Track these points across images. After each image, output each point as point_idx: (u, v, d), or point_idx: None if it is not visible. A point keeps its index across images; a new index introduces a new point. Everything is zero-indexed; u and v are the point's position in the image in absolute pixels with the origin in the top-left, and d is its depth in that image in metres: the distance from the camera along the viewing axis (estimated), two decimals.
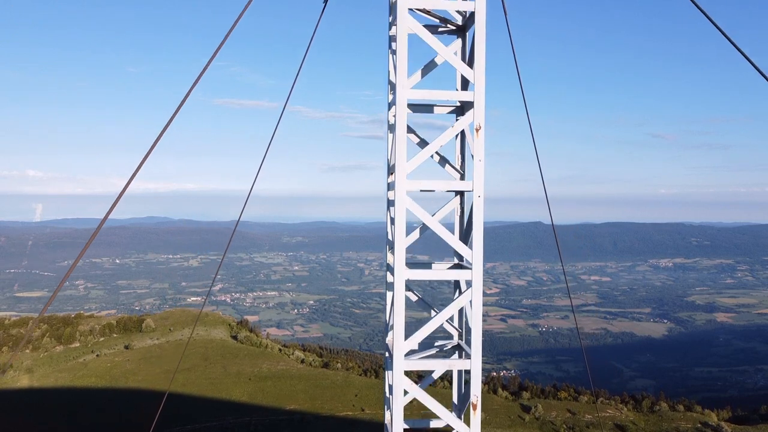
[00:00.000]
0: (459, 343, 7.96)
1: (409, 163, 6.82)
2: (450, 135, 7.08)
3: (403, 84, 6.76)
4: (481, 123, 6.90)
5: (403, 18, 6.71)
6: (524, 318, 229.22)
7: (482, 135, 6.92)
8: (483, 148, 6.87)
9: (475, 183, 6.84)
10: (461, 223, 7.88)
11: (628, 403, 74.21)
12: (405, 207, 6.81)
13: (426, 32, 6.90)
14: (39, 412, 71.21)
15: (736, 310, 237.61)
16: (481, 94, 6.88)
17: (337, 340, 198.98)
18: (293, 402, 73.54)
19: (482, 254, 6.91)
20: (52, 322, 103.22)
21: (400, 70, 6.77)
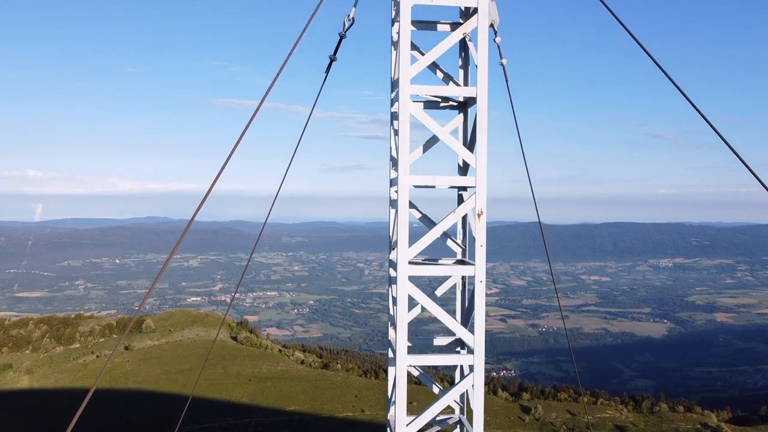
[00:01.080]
0: (460, 418, 8.02)
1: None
2: (453, 219, 7.13)
3: (405, 163, 6.82)
4: (483, 208, 6.97)
5: (405, 101, 6.77)
6: (524, 318, 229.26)
7: (484, 220, 6.99)
8: (485, 233, 6.95)
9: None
10: (462, 303, 7.97)
11: (628, 404, 74.32)
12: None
13: (425, 115, 6.98)
14: (39, 412, 71.32)
15: (736, 310, 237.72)
16: (483, 179, 6.89)
17: (337, 341, 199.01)
18: (293, 403, 73.62)
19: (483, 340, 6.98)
20: (52, 322, 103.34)
21: (402, 149, 6.85)
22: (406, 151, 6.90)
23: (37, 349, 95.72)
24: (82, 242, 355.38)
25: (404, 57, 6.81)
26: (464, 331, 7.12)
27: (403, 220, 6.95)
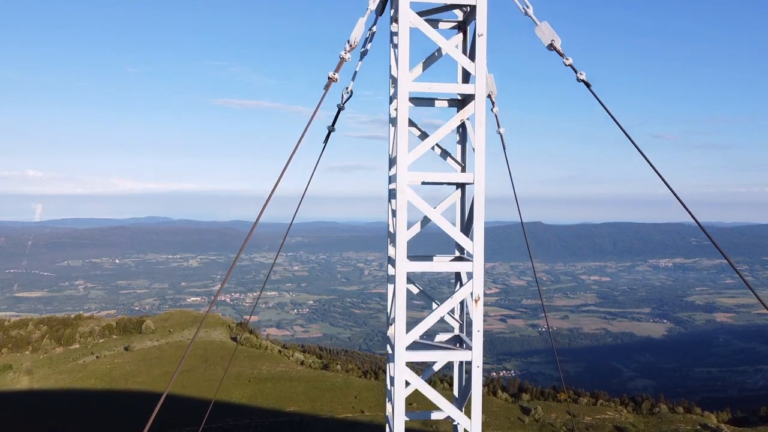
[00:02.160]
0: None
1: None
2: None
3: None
4: (480, 294, 6.94)
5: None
6: (524, 318, 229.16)
7: (481, 305, 6.98)
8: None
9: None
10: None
11: (628, 405, 74.31)
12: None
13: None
14: (39, 413, 71.25)
15: (736, 310, 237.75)
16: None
17: (336, 341, 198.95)
18: (293, 404, 73.58)
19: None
20: (51, 323, 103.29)
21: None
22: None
23: (37, 349, 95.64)
24: (81, 242, 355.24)
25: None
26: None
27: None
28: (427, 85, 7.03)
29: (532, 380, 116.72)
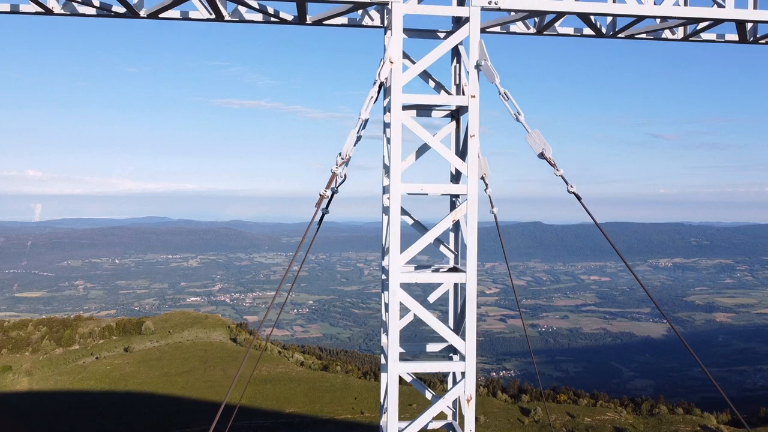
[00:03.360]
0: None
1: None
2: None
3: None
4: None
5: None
6: (524, 318, 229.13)
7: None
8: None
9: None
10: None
11: (628, 406, 74.33)
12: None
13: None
14: (39, 414, 71.24)
15: (736, 310, 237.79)
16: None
17: (336, 341, 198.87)
18: (292, 405, 73.58)
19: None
20: (51, 324, 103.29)
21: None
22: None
23: (37, 350, 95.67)
24: (81, 242, 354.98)
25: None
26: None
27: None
28: (419, 186, 7.22)
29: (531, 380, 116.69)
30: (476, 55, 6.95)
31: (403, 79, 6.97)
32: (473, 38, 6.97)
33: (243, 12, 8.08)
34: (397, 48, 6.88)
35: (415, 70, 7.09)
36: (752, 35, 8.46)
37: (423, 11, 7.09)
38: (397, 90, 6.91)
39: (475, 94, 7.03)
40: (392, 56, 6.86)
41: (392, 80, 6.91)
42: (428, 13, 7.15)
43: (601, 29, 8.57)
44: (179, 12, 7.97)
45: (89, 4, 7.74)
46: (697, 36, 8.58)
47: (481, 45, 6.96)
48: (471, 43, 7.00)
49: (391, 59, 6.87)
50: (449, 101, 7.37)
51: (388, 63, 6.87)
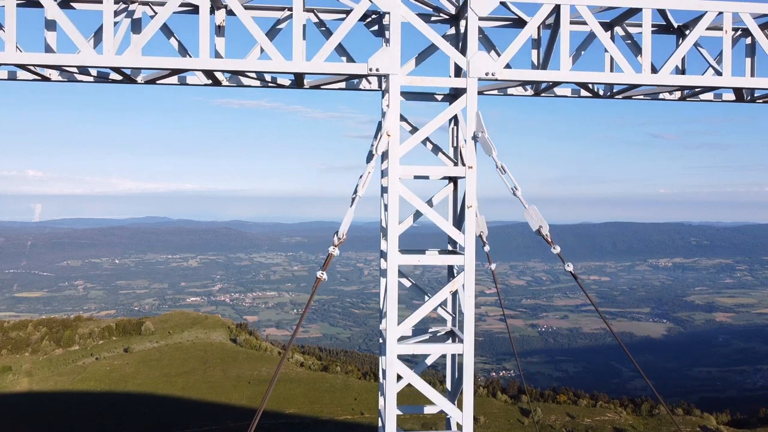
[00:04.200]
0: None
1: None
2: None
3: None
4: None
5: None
6: (523, 318, 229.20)
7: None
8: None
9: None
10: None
11: (627, 407, 74.34)
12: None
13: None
14: (38, 415, 71.21)
15: (735, 309, 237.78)
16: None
17: (336, 341, 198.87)
18: (292, 406, 73.57)
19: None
20: (51, 324, 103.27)
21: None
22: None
23: (37, 351, 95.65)
24: (81, 242, 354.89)
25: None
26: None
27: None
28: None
29: (531, 380, 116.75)
30: (473, 127, 7.06)
31: (401, 150, 7.04)
32: (470, 110, 7.06)
33: (240, 78, 8.10)
34: (395, 121, 6.94)
35: (413, 141, 7.16)
36: (749, 95, 8.61)
37: (421, 83, 7.21)
38: (394, 162, 6.97)
39: (472, 164, 7.11)
40: (390, 129, 6.95)
41: (390, 152, 6.97)
42: (426, 85, 7.29)
43: (598, 92, 8.74)
44: (176, 78, 7.92)
45: (86, 74, 7.71)
46: (695, 97, 8.73)
47: (478, 117, 7.05)
48: (468, 115, 7.09)
49: (389, 132, 6.94)
50: (446, 172, 7.54)
51: (386, 136, 6.96)
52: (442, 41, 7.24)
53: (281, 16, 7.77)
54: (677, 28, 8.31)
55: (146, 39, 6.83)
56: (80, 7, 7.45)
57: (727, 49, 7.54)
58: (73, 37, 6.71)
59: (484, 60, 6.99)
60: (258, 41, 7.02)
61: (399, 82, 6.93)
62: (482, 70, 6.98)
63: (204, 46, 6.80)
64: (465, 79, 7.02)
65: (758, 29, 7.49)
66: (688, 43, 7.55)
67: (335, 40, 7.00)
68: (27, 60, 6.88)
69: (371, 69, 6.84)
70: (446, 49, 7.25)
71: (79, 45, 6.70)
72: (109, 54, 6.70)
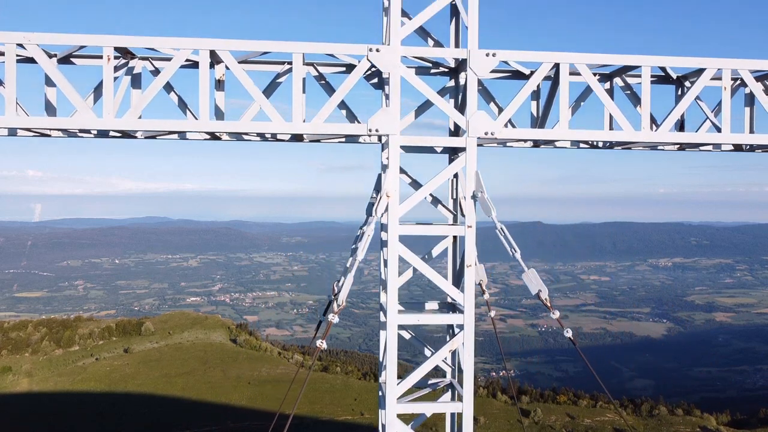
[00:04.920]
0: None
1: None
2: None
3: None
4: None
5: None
6: (523, 318, 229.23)
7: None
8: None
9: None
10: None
11: (627, 407, 74.31)
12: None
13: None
14: (38, 416, 71.18)
15: (735, 309, 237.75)
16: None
17: (336, 341, 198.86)
18: (292, 406, 73.48)
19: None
20: (51, 325, 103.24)
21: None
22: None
23: (37, 351, 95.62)
24: (81, 242, 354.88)
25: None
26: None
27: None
28: (416, 316, 7.42)
29: (531, 380, 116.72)
30: (473, 186, 7.09)
31: (401, 210, 7.09)
32: (470, 169, 7.12)
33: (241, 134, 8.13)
34: (394, 182, 7.01)
35: (413, 200, 7.22)
36: (748, 146, 8.66)
37: (420, 143, 7.25)
38: (394, 222, 7.01)
39: (471, 224, 7.19)
40: (389, 190, 7.00)
41: (389, 212, 6.99)
42: (426, 144, 7.33)
43: (597, 145, 8.86)
44: (177, 135, 7.95)
45: (87, 132, 7.73)
46: (695, 149, 8.78)
47: (477, 176, 7.11)
48: (468, 174, 7.15)
49: (388, 193, 6.97)
50: (446, 231, 7.58)
51: (385, 197, 7.01)
52: (441, 101, 7.30)
53: (281, 70, 7.80)
54: (676, 78, 8.37)
55: (146, 101, 6.89)
56: (80, 63, 7.45)
57: (726, 105, 7.62)
58: (72, 99, 6.74)
59: (484, 119, 7.05)
60: (256, 101, 7.06)
61: (398, 142, 6.98)
62: (481, 130, 7.03)
63: (204, 105, 6.83)
64: (464, 138, 7.07)
65: (757, 85, 7.55)
66: (688, 100, 7.64)
67: (335, 100, 7.06)
68: (27, 124, 6.92)
69: (371, 130, 6.90)
70: (445, 108, 7.33)
71: (79, 107, 6.73)
72: (109, 117, 6.73)
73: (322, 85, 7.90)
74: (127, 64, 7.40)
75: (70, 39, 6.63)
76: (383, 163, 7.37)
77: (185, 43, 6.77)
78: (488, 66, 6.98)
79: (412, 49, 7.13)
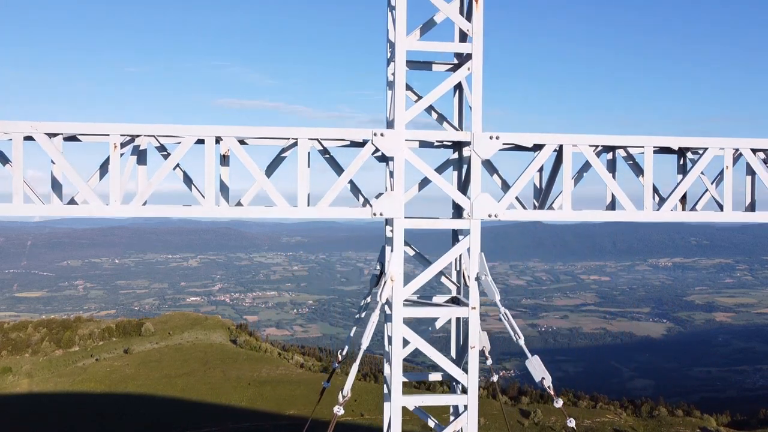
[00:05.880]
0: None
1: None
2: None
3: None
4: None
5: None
6: (523, 318, 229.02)
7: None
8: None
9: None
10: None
11: (628, 408, 74.36)
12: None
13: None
14: (38, 416, 71.22)
15: (735, 309, 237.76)
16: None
17: (336, 341, 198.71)
18: (292, 407, 73.56)
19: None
20: (51, 326, 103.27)
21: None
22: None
23: (37, 352, 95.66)
24: (81, 242, 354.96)
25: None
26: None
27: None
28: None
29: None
30: (476, 267, 7.11)
31: (405, 293, 7.16)
32: (474, 250, 7.19)
33: None
34: (398, 266, 7.10)
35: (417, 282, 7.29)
36: None
37: (425, 225, 7.40)
38: (398, 305, 7.07)
39: (475, 305, 7.26)
40: (393, 274, 7.09)
41: (393, 297, 7.08)
42: (430, 227, 7.43)
43: None
44: None
45: None
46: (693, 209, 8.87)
47: (481, 258, 7.19)
48: (471, 255, 7.21)
49: (393, 277, 7.08)
50: (449, 314, 7.66)
51: (390, 281, 7.10)
52: (444, 183, 7.41)
53: (285, 145, 7.89)
54: (678, 149, 8.45)
55: (152, 189, 7.03)
56: (86, 140, 7.54)
57: (728, 185, 7.69)
58: (79, 187, 6.87)
59: (487, 202, 7.13)
60: (261, 185, 7.23)
61: (403, 225, 7.07)
62: (485, 212, 7.11)
63: (209, 190, 7.02)
64: (468, 220, 7.14)
65: (759, 163, 7.62)
66: (691, 178, 7.73)
67: (340, 184, 7.20)
68: (33, 212, 7.09)
69: (375, 213, 7.04)
70: (449, 190, 7.41)
71: (87, 198, 6.85)
72: (116, 204, 6.88)
73: (327, 159, 8.00)
74: (133, 140, 7.48)
75: (77, 128, 6.84)
76: (387, 236, 7.44)
77: (191, 131, 7.01)
78: (492, 149, 7.13)
79: (417, 133, 7.30)
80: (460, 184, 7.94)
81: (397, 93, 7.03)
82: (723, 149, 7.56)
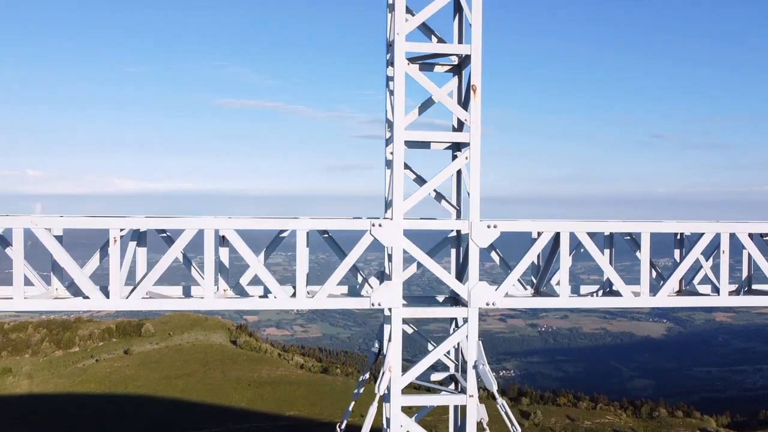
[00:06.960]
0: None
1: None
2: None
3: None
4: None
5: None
6: (523, 318, 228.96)
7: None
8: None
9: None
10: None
11: (627, 409, 74.40)
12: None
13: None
14: (38, 416, 71.22)
15: (736, 309, 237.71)
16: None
17: (336, 341, 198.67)
18: (292, 408, 73.52)
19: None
20: (51, 326, 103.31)
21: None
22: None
23: (37, 353, 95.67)
24: (81, 242, 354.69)
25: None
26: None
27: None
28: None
29: (531, 380, 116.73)
30: (474, 356, 7.11)
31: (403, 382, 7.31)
32: (471, 339, 7.30)
33: None
34: (397, 355, 7.21)
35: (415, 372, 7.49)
36: None
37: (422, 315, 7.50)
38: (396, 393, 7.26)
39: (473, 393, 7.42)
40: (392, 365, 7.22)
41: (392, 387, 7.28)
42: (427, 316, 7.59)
43: None
44: None
45: None
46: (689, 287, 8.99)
47: (479, 347, 7.28)
48: (469, 343, 7.31)
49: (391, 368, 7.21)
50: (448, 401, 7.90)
51: (388, 372, 7.23)
52: (444, 273, 7.44)
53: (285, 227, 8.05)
54: None
55: (153, 281, 7.14)
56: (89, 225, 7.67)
57: (724, 269, 7.85)
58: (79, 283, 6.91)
59: (485, 290, 7.09)
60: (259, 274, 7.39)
61: (401, 314, 7.16)
62: (483, 300, 7.16)
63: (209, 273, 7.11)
64: (466, 308, 7.25)
65: (755, 248, 7.75)
66: (686, 264, 7.93)
67: (338, 275, 7.36)
68: (35, 307, 7.14)
69: (373, 304, 7.11)
70: (448, 280, 7.46)
71: (88, 292, 7.00)
72: (116, 297, 6.92)
73: (325, 238, 8.19)
74: None
75: (78, 222, 6.97)
76: (386, 315, 7.44)
77: (191, 223, 7.18)
78: (489, 238, 7.18)
79: (415, 222, 7.35)
80: (458, 266, 7.96)
81: (396, 179, 7.04)
82: (719, 234, 7.65)
